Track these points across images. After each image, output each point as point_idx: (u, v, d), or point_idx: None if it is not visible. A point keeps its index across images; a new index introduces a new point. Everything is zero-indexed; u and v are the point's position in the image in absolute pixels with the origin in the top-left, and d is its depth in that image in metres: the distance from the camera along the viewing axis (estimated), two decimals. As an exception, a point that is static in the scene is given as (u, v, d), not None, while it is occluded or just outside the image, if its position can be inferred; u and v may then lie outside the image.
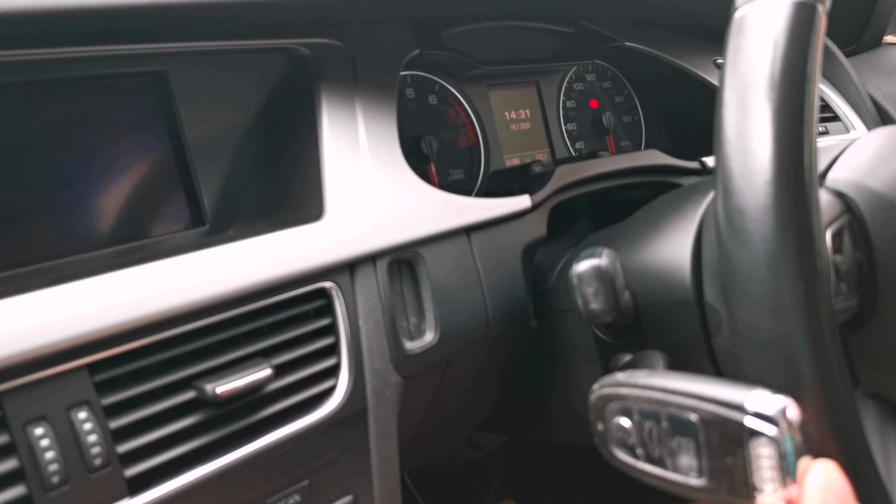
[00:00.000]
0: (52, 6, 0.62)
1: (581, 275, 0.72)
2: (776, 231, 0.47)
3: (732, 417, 0.47)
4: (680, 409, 0.49)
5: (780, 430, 0.45)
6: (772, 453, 0.45)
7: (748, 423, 0.46)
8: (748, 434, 0.46)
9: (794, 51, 0.50)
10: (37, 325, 0.56)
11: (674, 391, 0.50)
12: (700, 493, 0.49)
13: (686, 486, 0.50)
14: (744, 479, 0.47)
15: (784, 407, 0.46)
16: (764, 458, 0.45)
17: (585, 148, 1.25)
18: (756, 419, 0.46)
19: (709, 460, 0.48)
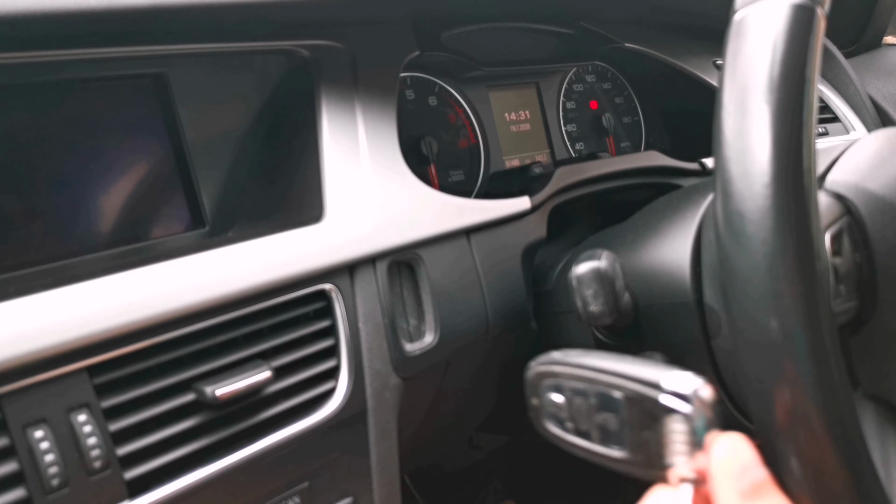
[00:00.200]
0: (52, 8, 0.62)
1: (581, 277, 0.72)
2: (775, 233, 0.47)
3: (651, 395, 0.50)
4: (607, 387, 0.53)
5: (693, 408, 0.48)
6: (684, 428, 0.48)
7: (664, 401, 0.49)
8: (664, 410, 0.49)
9: (793, 53, 0.50)
10: (37, 327, 0.56)
11: (602, 370, 0.53)
12: (620, 464, 0.52)
13: (609, 458, 0.53)
14: (659, 452, 0.50)
15: (698, 387, 0.48)
16: (677, 432, 0.48)
17: (585, 149, 1.25)
18: (671, 397, 0.49)
19: (629, 434, 0.51)
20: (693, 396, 0.48)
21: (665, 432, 0.49)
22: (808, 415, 0.47)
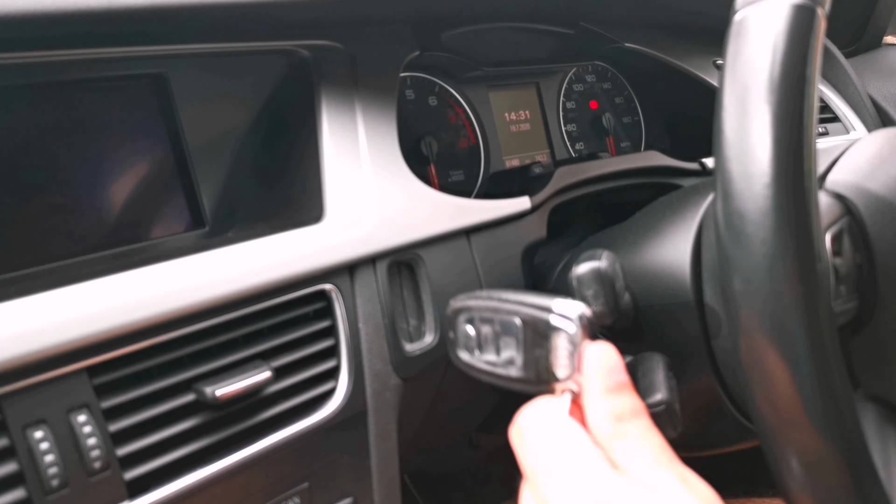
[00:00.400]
0: (52, 9, 0.62)
1: (581, 277, 0.72)
2: (776, 234, 0.47)
3: (543, 317, 0.56)
4: (508, 314, 0.59)
5: (575, 326, 0.54)
6: (567, 345, 0.55)
7: (552, 321, 0.56)
8: (552, 329, 0.55)
9: (793, 54, 0.49)
10: (36, 328, 0.56)
11: (506, 300, 0.60)
12: (517, 383, 0.59)
13: (507, 378, 0.60)
14: (546, 367, 0.56)
15: (581, 309, 0.55)
16: (562, 348, 0.55)
17: (585, 149, 1.25)
18: (559, 317, 0.55)
19: (524, 354, 0.58)
20: (576, 316, 0.55)
21: (552, 348, 0.56)
22: (808, 416, 0.47)
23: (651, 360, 0.75)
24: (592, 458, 0.48)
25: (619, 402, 0.52)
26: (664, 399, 0.71)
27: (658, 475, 0.48)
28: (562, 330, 0.55)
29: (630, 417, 0.51)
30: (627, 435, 0.50)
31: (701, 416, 0.77)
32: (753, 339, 0.49)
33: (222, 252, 0.68)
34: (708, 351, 0.74)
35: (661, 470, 0.48)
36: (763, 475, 1.21)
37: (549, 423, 0.52)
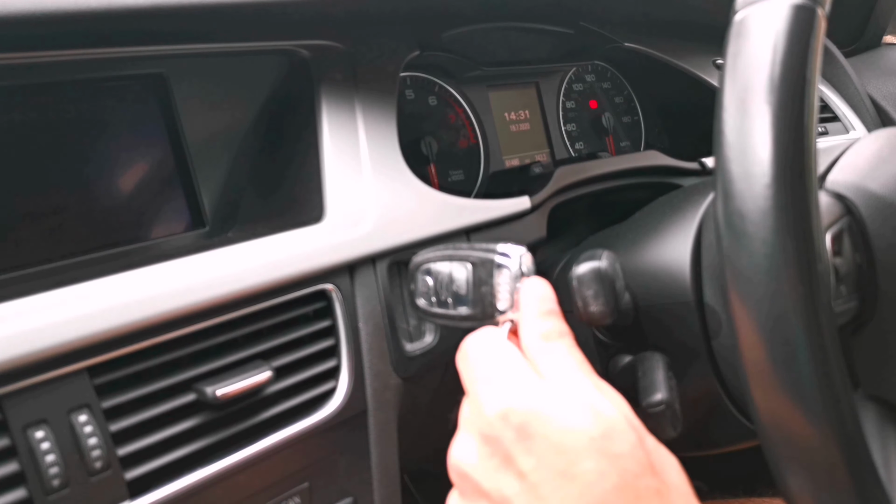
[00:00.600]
0: (52, 9, 0.62)
1: (581, 277, 0.72)
2: (776, 234, 0.47)
3: (489, 257, 0.64)
4: (461, 260, 0.67)
5: (517, 264, 0.62)
6: (508, 280, 0.63)
7: (496, 259, 0.63)
8: (496, 267, 0.63)
9: (793, 54, 0.50)
10: (37, 328, 0.56)
11: (459, 248, 0.67)
12: (466, 320, 0.66)
13: (458, 317, 0.67)
14: (491, 301, 0.64)
15: (522, 252, 0.63)
16: (504, 284, 0.63)
17: (585, 148, 1.25)
18: (502, 257, 0.63)
19: (472, 293, 0.66)
20: (517, 256, 0.63)
21: (496, 284, 0.64)
22: (808, 415, 0.47)
23: (651, 359, 0.76)
24: (521, 368, 0.58)
25: (548, 324, 0.60)
26: (664, 399, 0.71)
27: (575, 381, 0.56)
28: (504, 267, 0.63)
29: (556, 338, 0.60)
30: (553, 351, 0.59)
31: (701, 416, 0.77)
32: (754, 339, 0.49)
33: (222, 252, 0.68)
34: (708, 350, 0.74)
35: (579, 378, 0.57)
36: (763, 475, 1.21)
37: (488, 343, 0.60)
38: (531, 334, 0.60)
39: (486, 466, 0.57)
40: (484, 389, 0.58)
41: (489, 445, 0.57)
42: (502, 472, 0.56)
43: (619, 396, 0.57)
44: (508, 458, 0.55)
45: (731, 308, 0.50)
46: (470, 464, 0.59)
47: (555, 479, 0.53)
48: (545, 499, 0.53)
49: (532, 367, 0.58)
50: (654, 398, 0.72)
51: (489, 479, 0.57)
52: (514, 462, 0.55)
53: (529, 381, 0.56)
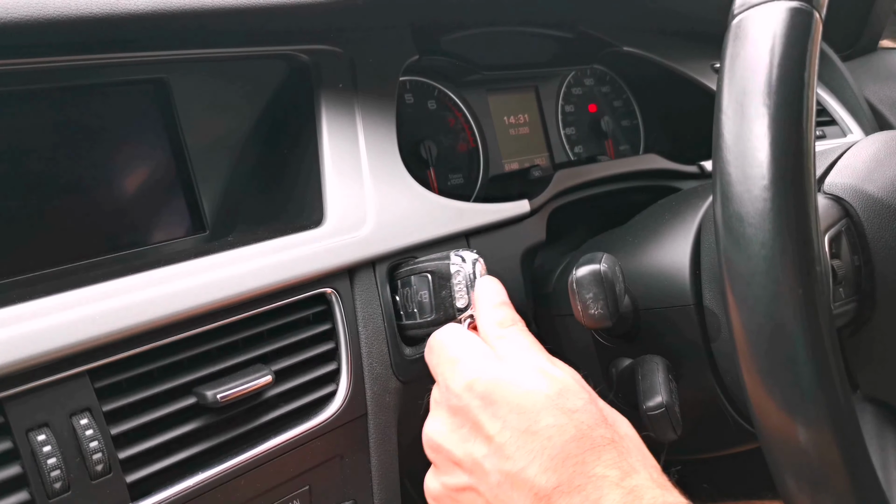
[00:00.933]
0: (54, 16, 0.62)
1: (580, 280, 0.72)
2: (775, 236, 0.48)
3: (444, 263, 0.73)
4: (420, 273, 0.75)
5: (469, 266, 0.72)
6: (463, 281, 0.72)
7: (451, 265, 0.72)
8: (452, 270, 0.72)
9: (791, 57, 0.50)
10: (38, 331, 0.56)
11: (418, 262, 0.76)
12: (433, 325, 0.74)
13: (426, 323, 0.75)
14: (451, 303, 0.73)
15: (475, 256, 0.72)
16: (460, 285, 0.72)
17: (584, 152, 1.25)
18: (456, 261, 0.72)
19: (434, 299, 0.74)
20: (470, 260, 0.72)
21: (453, 286, 0.72)
22: (807, 418, 0.47)
23: (651, 362, 0.76)
24: (482, 349, 0.66)
25: (501, 313, 0.69)
26: (664, 402, 0.71)
27: (529, 356, 0.65)
28: (459, 270, 0.72)
29: (509, 324, 0.68)
30: (507, 336, 0.67)
31: (701, 419, 0.78)
32: (752, 341, 0.49)
33: (223, 256, 0.68)
34: (708, 353, 0.74)
35: (532, 353, 0.65)
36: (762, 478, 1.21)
37: (450, 334, 0.68)
38: (487, 323, 0.68)
39: (457, 437, 0.63)
40: (449, 369, 0.65)
41: (458, 416, 0.64)
42: (471, 439, 0.62)
43: (570, 369, 0.65)
44: (476, 424, 0.62)
45: (729, 310, 0.50)
46: (442, 436, 0.65)
47: (519, 437, 0.59)
48: (512, 457, 0.58)
49: (490, 350, 0.66)
50: (654, 401, 0.72)
51: (460, 448, 0.63)
52: (482, 427, 0.61)
53: (490, 358, 0.65)
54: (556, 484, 0.56)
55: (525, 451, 0.58)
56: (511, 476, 0.58)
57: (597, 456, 0.57)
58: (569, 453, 0.57)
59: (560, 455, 0.57)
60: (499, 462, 0.59)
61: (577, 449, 0.57)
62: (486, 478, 0.60)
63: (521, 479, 0.57)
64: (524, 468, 0.57)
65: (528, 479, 0.57)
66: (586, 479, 0.56)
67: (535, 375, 0.62)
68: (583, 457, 0.57)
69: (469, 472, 0.62)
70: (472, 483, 0.61)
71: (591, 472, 0.56)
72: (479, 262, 0.72)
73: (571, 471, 0.56)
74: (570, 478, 0.56)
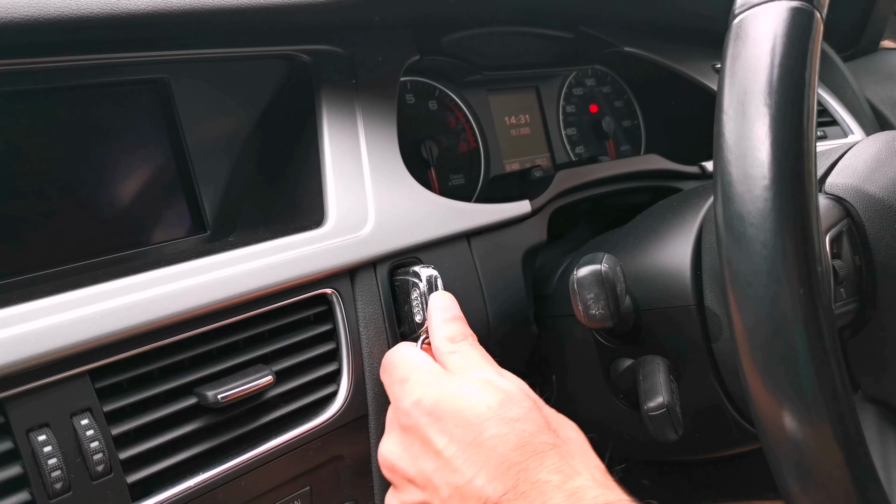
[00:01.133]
0: (55, 15, 0.62)
1: (581, 280, 0.72)
2: (776, 236, 0.48)
3: (406, 279, 0.77)
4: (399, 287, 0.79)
5: (425, 283, 0.75)
6: (419, 296, 0.76)
7: (410, 280, 0.76)
8: (411, 287, 0.76)
9: (792, 57, 0.50)
10: (39, 332, 0.56)
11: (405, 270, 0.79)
12: (402, 338, 0.79)
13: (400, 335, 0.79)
14: (411, 316, 0.77)
15: (430, 272, 0.76)
16: (417, 300, 0.76)
17: (585, 152, 1.25)
18: (414, 278, 0.76)
19: (402, 311, 0.78)
20: (425, 277, 0.75)
21: (411, 301, 0.76)
22: (809, 418, 0.47)
23: (652, 363, 0.76)
24: (429, 366, 0.69)
25: (452, 328, 0.72)
26: (665, 402, 0.71)
27: (477, 370, 0.67)
28: (416, 286, 0.76)
29: (460, 339, 0.71)
30: (458, 350, 0.70)
31: (702, 419, 0.78)
32: (753, 341, 0.49)
33: (224, 257, 0.68)
34: (709, 354, 0.74)
35: (481, 366, 0.68)
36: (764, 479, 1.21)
37: (401, 353, 0.72)
38: (438, 338, 0.72)
39: (408, 455, 0.66)
40: (399, 389, 0.68)
41: (408, 434, 0.66)
42: (421, 456, 0.64)
43: (518, 380, 0.68)
44: (425, 440, 0.64)
45: (730, 309, 0.50)
46: (395, 455, 0.67)
47: (465, 450, 0.61)
48: (459, 469, 0.61)
49: (441, 366, 0.69)
50: (655, 401, 0.72)
51: (412, 465, 0.65)
52: (430, 443, 0.64)
53: (437, 375, 0.67)
54: (503, 492, 0.58)
55: (471, 463, 0.60)
56: (460, 489, 0.60)
57: (539, 462, 0.59)
58: (512, 461, 0.59)
59: (504, 464, 0.59)
60: (447, 476, 0.62)
61: (520, 456, 0.60)
62: (438, 492, 0.62)
63: (469, 491, 0.60)
64: (471, 479, 0.60)
65: (476, 490, 0.59)
66: (530, 486, 0.58)
67: (480, 388, 0.65)
68: (526, 463, 0.59)
69: (422, 489, 0.64)
70: (426, 498, 0.64)
71: (535, 478, 0.58)
72: (436, 279, 0.76)
73: (516, 478, 0.58)
74: (514, 485, 0.58)
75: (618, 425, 0.85)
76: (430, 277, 0.76)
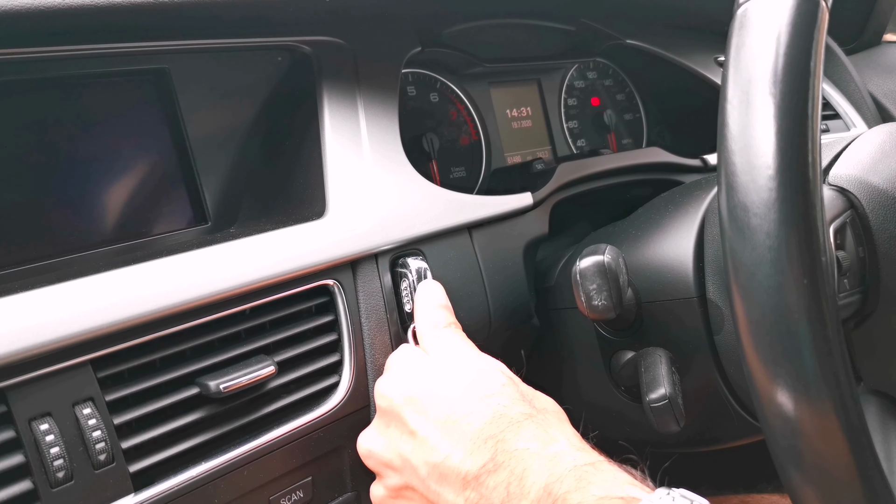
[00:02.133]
0: (57, 4, 0.62)
1: (584, 271, 0.72)
2: (780, 226, 0.47)
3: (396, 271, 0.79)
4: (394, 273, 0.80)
5: (413, 274, 0.78)
6: (408, 286, 0.78)
7: (399, 272, 0.79)
8: (400, 279, 0.78)
9: (796, 46, 0.49)
10: (41, 321, 0.56)
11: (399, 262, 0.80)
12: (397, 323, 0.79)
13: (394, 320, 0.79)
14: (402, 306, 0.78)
15: (419, 265, 0.78)
16: (406, 291, 0.78)
17: (587, 145, 1.25)
18: (404, 270, 0.78)
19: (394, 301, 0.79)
20: (414, 269, 0.78)
21: (401, 291, 0.78)
22: (812, 409, 0.47)
23: (654, 355, 0.76)
24: (411, 354, 0.72)
25: (437, 316, 0.74)
26: (667, 394, 0.71)
27: (457, 353, 0.69)
28: (405, 277, 0.78)
29: (443, 326, 0.73)
30: (441, 336, 0.72)
31: (704, 411, 0.78)
32: (757, 332, 0.49)
33: (225, 247, 0.68)
34: (711, 346, 0.74)
35: (461, 349, 0.70)
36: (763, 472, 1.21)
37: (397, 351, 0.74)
38: (423, 325, 0.74)
39: (384, 439, 0.68)
40: (380, 380, 0.71)
41: (384, 416, 0.68)
42: (398, 438, 0.66)
43: (493, 359, 0.70)
44: (401, 422, 0.66)
45: (733, 300, 0.50)
46: (371, 441, 0.69)
47: (441, 427, 0.63)
48: (436, 447, 0.62)
49: (423, 351, 0.72)
50: (657, 393, 0.72)
51: (389, 449, 0.66)
52: (406, 424, 0.65)
53: (416, 360, 0.70)
54: (482, 464, 0.59)
55: (448, 440, 0.62)
56: (438, 466, 0.62)
57: (516, 431, 0.60)
58: (488, 434, 0.61)
59: (480, 437, 0.61)
60: (425, 454, 0.63)
61: (496, 428, 0.61)
62: (416, 472, 0.63)
63: (447, 467, 0.61)
64: (448, 455, 0.61)
65: (454, 466, 0.61)
66: (509, 455, 0.59)
67: (455, 368, 0.67)
68: (503, 435, 0.60)
69: (400, 471, 0.65)
70: (406, 480, 0.65)
71: (513, 448, 0.59)
72: (426, 271, 0.79)
73: (493, 449, 0.60)
74: (492, 456, 0.59)
75: (619, 417, 0.85)
76: (419, 269, 0.78)
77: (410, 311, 0.78)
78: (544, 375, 0.97)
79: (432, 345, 0.72)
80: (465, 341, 0.72)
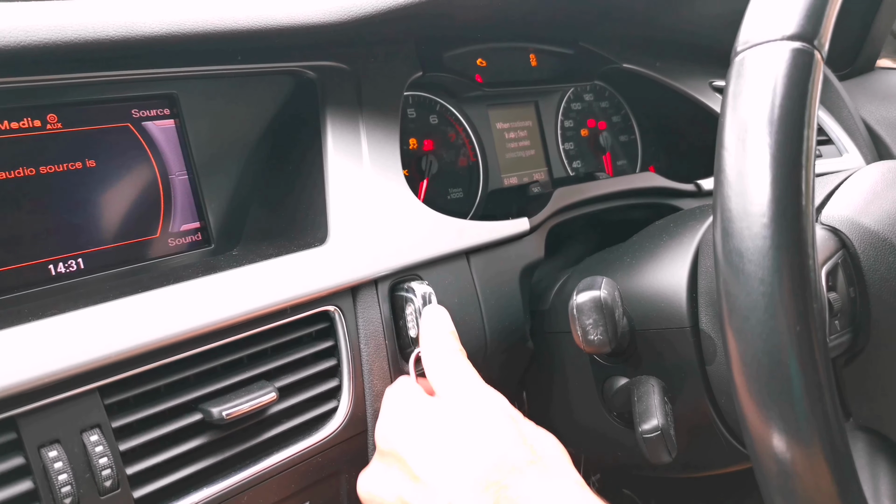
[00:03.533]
0: (73, 38, 0.63)
1: (581, 306, 0.73)
2: (773, 273, 0.49)
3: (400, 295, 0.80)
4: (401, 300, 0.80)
5: (419, 299, 0.78)
6: (413, 311, 0.78)
7: (404, 296, 0.79)
8: (405, 302, 0.79)
9: (792, 97, 0.51)
10: (52, 350, 0.57)
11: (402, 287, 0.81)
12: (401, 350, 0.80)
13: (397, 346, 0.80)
14: (406, 331, 0.79)
15: (424, 290, 0.78)
16: (411, 316, 0.78)
17: (582, 167, 1.26)
18: (408, 294, 0.78)
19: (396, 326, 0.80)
20: (419, 294, 0.78)
21: (406, 316, 0.79)
22: (801, 447, 0.48)
23: (647, 384, 0.77)
24: (413, 393, 0.71)
25: (443, 343, 0.73)
26: (660, 425, 0.72)
27: (462, 390, 0.68)
28: (411, 301, 0.78)
29: (449, 355, 0.72)
30: (445, 368, 0.71)
31: (695, 439, 0.79)
32: (750, 374, 0.50)
33: (229, 275, 0.69)
34: (702, 376, 0.75)
35: (466, 386, 0.68)
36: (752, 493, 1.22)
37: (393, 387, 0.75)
38: (428, 353, 0.73)
39: (385, 481, 0.67)
40: (380, 420, 0.72)
41: (387, 459, 0.68)
42: (400, 481, 0.65)
43: (499, 395, 0.69)
44: (403, 464, 0.65)
45: (727, 342, 0.51)
46: (372, 484, 0.69)
47: (442, 471, 0.62)
48: (437, 490, 0.62)
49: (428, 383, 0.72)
50: (649, 424, 0.73)
51: (392, 493, 0.66)
52: (408, 466, 0.65)
53: (418, 401, 0.70)
54: None
55: (449, 484, 0.62)
56: None
57: (518, 478, 0.60)
58: (490, 480, 0.60)
59: (482, 482, 0.60)
60: (426, 499, 0.63)
61: (498, 474, 0.61)
62: None
63: None
64: (451, 501, 0.61)
65: None
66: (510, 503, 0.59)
67: (459, 410, 0.66)
68: (505, 481, 0.60)
69: None
70: None
71: (515, 494, 0.59)
72: (430, 295, 0.79)
73: (496, 496, 0.59)
74: (495, 502, 0.59)
75: (611, 443, 0.86)
76: (424, 294, 0.78)
77: (415, 337, 0.78)
78: (538, 398, 0.98)
79: (438, 377, 0.71)
80: (471, 373, 0.71)
